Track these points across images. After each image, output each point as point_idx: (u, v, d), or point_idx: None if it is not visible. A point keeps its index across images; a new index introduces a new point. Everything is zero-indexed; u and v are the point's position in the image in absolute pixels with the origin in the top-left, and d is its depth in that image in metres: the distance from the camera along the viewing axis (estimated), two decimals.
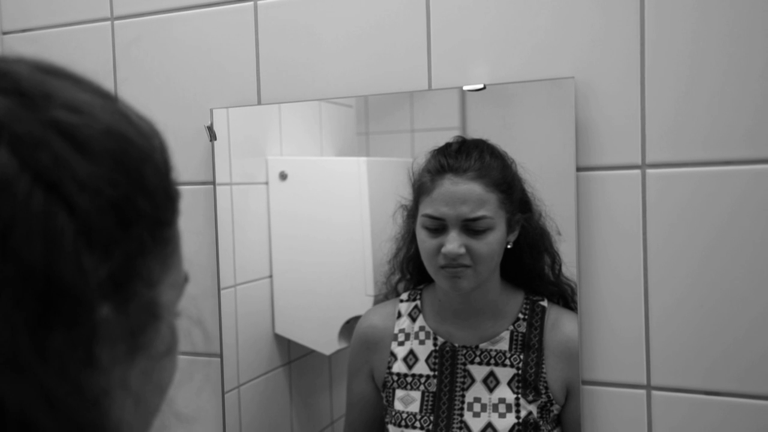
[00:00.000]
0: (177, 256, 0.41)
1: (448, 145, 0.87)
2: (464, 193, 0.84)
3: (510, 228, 0.86)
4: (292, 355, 1.03)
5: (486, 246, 0.85)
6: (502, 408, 0.86)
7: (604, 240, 0.82)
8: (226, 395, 1.00)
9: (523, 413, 0.85)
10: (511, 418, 0.85)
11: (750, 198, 0.77)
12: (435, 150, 0.87)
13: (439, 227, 0.85)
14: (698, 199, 0.79)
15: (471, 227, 0.84)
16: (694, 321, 0.79)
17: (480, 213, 0.84)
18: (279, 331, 1.02)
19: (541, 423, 0.84)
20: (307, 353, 1.01)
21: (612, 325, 0.83)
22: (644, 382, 0.82)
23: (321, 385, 1.02)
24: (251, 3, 0.98)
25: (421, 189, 0.88)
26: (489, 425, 0.85)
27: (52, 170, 0.32)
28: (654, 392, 0.81)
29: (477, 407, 0.86)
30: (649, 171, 0.80)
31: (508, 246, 0.87)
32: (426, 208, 0.87)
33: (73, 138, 0.33)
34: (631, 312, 0.82)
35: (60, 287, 0.31)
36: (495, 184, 0.85)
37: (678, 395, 0.80)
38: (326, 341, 0.99)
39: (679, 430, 0.81)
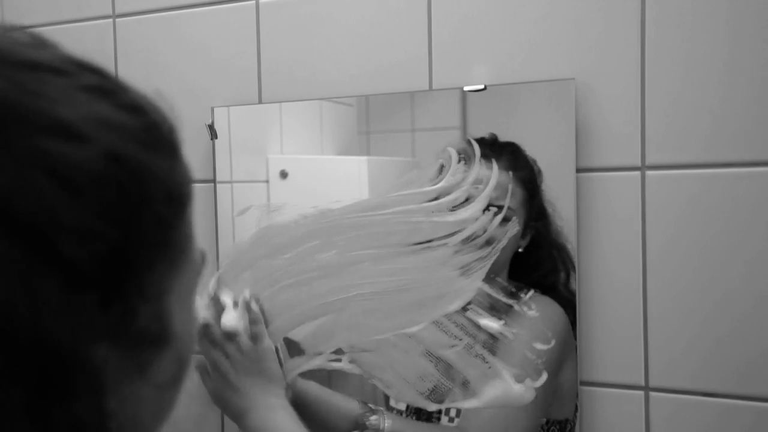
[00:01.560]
0: (187, 250, 0.35)
1: (482, 138, 0.87)
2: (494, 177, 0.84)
3: (524, 230, 0.86)
4: (291, 354, 1.03)
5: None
6: None
7: (603, 241, 0.83)
8: None
9: None
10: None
11: (750, 200, 0.77)
12: (468, 139, 0.87)
13: None
14: (698, 201, 0.79)
15: None
16: (692, 322, 0.80)
17: (503, 202, 0.83)
18: None
19: None
20: None
21: (610, 326, 0.83)
22: (642, 383, 0.82)
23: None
24: (253, 2, 0.98)
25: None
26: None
27: (33, 217, 0.27)
28: (652, 393, 0.82)
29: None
30: (649, 173, 0.81)
31: (519, 249, 0.87)
32: None
33: (60, 176, 0.28)
34: (629, 313, 0.82)
35: (54, 353, 0.27)
36: (523, 180, 0.85)
37: (676, 396, 0.80)
38: None
39: (676, 431, 0.81)
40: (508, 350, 0.83)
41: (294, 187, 1.00)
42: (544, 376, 0.82)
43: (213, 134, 0.99)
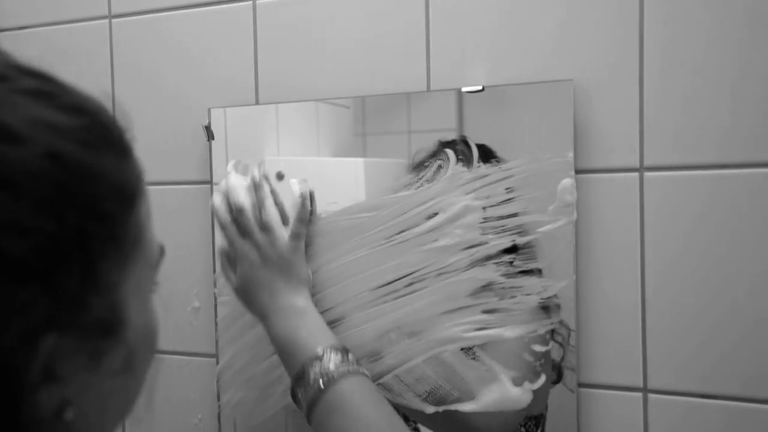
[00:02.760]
0: (140, 244, 0.37)
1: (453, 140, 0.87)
2: None
3: None
4: None
5: None
6: None
7: (601, 242, 0.82)
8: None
9: None
10: None
11: (748, 202, 0.77)
12: (465, 139, 0.87)
13: None
14: (696, 202, 0.79)
15: None
16: (691, 324, 0.80)
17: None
18: None
19: None
20: None
21: (609, 328, 0.83)
22: (641, 384, 0.82)
23: None
24: (250, 2, 0.98)
25: None
26: None
27: None
28: (650, 395, 0.81)
29: None
30: (647, 174, 0.80)
31: None
32: None
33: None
34: (628, 315, 0.82)
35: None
36: None
37: (675, 398, 0.80)
38: None
39: None
40: (506, 353, 0.83)
41: (290, 189, 0.99)
42: (543, 379, 0.82)
43: (209, 135, 0.99)
